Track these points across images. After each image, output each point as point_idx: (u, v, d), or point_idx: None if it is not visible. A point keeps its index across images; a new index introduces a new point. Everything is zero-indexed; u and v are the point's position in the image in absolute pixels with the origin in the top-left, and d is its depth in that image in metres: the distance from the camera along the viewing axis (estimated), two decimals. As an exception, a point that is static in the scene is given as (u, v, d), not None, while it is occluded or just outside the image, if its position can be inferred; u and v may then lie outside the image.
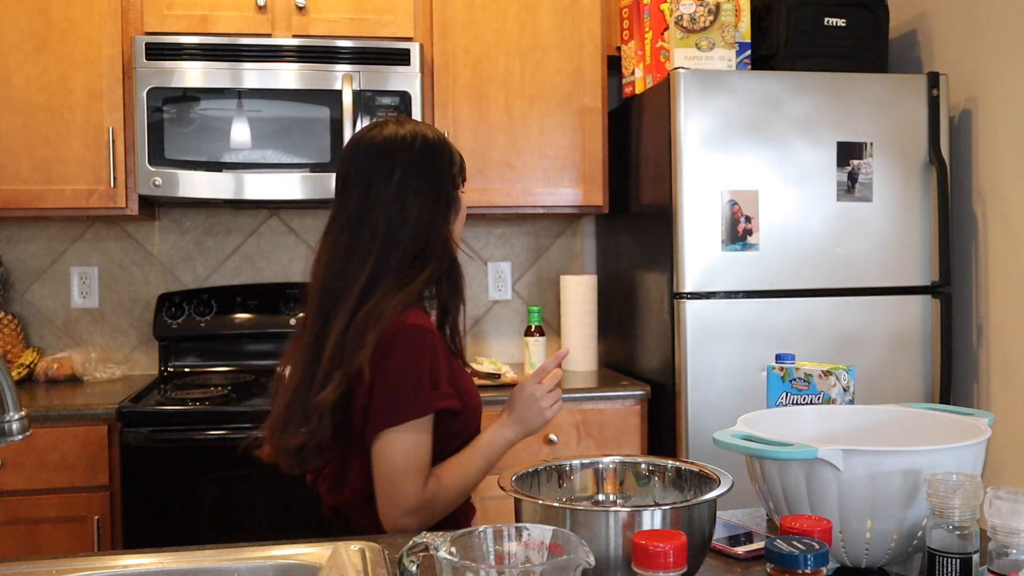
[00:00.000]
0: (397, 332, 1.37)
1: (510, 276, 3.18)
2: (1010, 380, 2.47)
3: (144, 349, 3.00)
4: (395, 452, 1.38)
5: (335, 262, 1.45)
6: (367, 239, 1.42)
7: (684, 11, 2.56)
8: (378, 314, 1.37)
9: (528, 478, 1.16)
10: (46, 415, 2.33)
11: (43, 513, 2.32)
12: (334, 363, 1.39)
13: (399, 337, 1.37)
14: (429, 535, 0.91)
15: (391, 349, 1.37)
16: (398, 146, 1.45)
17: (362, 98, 2.64)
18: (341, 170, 1.49)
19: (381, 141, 1.46)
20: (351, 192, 1.46)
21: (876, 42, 2.65)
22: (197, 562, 1.19)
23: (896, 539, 1.04)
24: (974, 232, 2.61)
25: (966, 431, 1.12)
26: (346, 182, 1.47)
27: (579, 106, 2.84)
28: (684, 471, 1.17)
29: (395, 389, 1.37)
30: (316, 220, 3.09)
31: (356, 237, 1.43)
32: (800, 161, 2.47)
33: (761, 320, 2.45)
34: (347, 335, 1.38)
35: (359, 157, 1.47)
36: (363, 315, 1.38)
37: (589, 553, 0.83)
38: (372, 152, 1.46)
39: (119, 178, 2.63)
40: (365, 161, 1.46)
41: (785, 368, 1.41)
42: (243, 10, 2.67)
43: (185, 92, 2.58)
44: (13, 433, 1.04)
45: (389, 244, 1.42)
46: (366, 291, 1.41)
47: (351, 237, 1.44)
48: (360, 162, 1.46)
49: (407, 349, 1.37)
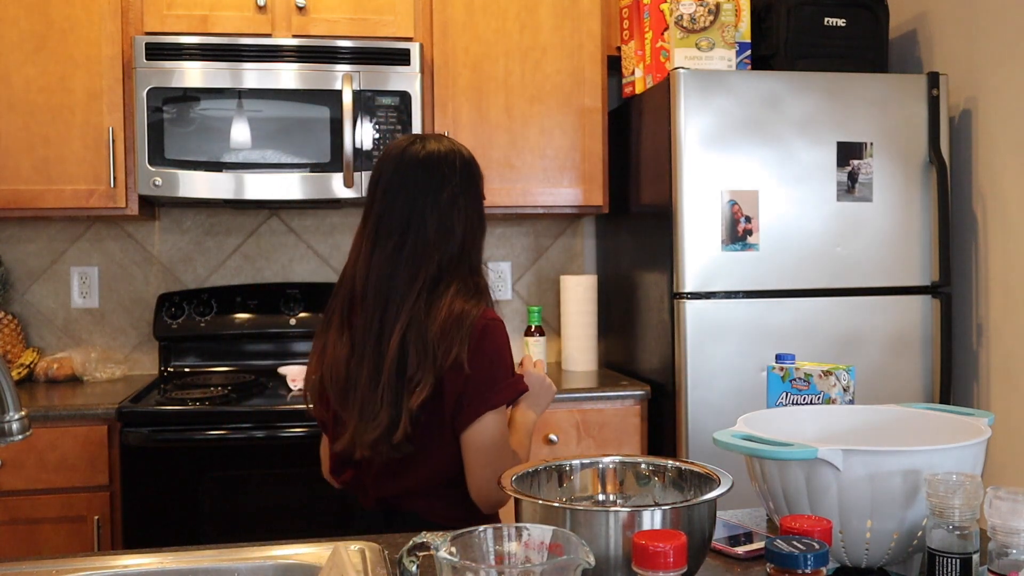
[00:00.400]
0: (486, 326, 1.51)
1: (510, 276, 3.18)
2: (1010, 380, 2.47)
3: (144, 349, 3.00)
4: (494, 431, 1.51)
5: (384, 266, 1.53)
6: (415, 247, 1.53)
7: (684, 11, 2.56)
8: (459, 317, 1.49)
9: (528, 478, 1.16)
10: (46, 415, 2.33)
11: (43, 513, 2.32)
12: (420, 367, 1.48)
13: (488, 330, 1.51)
14: (429, 535, 0.91)
15: (482, 342, 1.50)
16: (443, 163, 1.57)
17: (362, 98, 2.64)
18: (381, 178, 1.58)
19: (425, 156, 1.57)
20: (395, 201, 1.55)
21: (876, 42, 2.65)
22: (197, 562, 1.19)
23: (896, 539, 1.04)
24: (974, 232, 2.61)
25: (966, 431, 1.12)
26: (388, 190, 1.56)
27: (579, 106, 2.84)
28: (684, 471, 1.17)
29: (488, 376, 1.50)
30: (316, 220, 3.09)
31: (403, 244, 1.53)
32: (800, 161, 2.47)
33: (761, 320, 2.45)
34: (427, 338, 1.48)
35: (404, 169, 1.56)
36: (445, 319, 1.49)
37: (589, 553, 0.83)
38: (419, 166, 1.56)
39: (119, 178, 2.63)
40: (412, 174, 1.56)
41: (785, 368, 1.41)
42: (243, 10, 2.67)
43: (185, 92, 2.58)
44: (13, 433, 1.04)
45: (436, 254, 1.53)
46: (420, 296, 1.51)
47: (398, 243, 1.53)
48: (406, 174, 1.56)
49: (495, 340, 1.52)
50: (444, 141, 1.61)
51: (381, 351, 1.51)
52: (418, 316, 1.50)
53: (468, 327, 1.48)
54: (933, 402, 2.52)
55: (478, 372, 1.49)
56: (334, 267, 3.10)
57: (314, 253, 3.10)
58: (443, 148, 1.58)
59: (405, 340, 1.49)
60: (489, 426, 1.51)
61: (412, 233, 1.53)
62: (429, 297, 1.51)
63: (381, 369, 1.50)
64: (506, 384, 1.53)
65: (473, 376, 1.49)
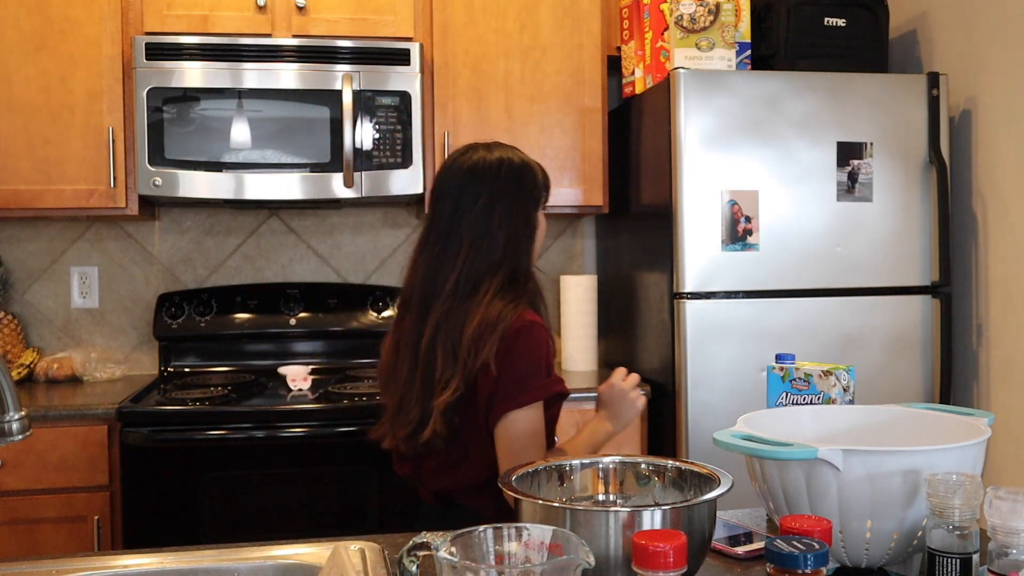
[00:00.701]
0: (521, 327, 1.55)
1: (510, 276, 3.18)
2: (1010, 380, 2.47)
3: (144, 349, 3.00)
4: (519, 429, 1.54)
5: (427, 271, 1.63)
6: (453, 253, 1.61)
7: (684, 11, 2.56)
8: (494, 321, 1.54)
9: (528, 478, 1.16)
10: (46, 415, 2.33)
11: (43, 513, 2.32)
12: (447, 368, 1.55)
13: (522, 332, 1.55)
14: (429, 535, 0.91)
15: (515, 343, 1.54)
16: (485, 172, 1.64)
17: (362, 98, 2.64)
18: (435, 187, 1.68)
19: (471, 165, 1.65)
20: (442, 209, 1.64)
21: (876, 42, 2.65)
22: (197, 562, 1.19)
23: (896, 539, 1.04)
24: (974, 232, 2.61)
25: (966, 431, 1.12)
26: (438, 199, 1.66)
27: (579, 106, 2.84)
28: (684, 471, 1.17)
29: (518, 376, 1.54)
30: (316, 220, 3.09)
31: (445, 250, 1.62)
32: (800, 161, 2.47)
33: (761, 320, 2.45)
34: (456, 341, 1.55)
35: (452, 178, 1.65)
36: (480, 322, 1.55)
37: (589, 553, 0.83)
38: (463, 174, 1.64)
39: (119, 178, 2.63)
40: (457, 182, 1.64)
41: (785, 368, 1.41)
42: (243, 10, 2.67)
43: (185, 92, 2.58)
44: (13, 433, 1.04)
45: (473, 258, 1.60)
46: (452, 298, 1.58)
47: (441, 249, 1.62)
48: (452, 182, 1.65)
49: (528, 342, 1.55)
50: (496, 150, 1.67)
51: (417, 351, 1.60)
52: (451, 319, 1.56)
53: (501, 329, 1.53)
54: (933, 402, 2.52)
55: (508, 373, 1.53)
56: (334, 267, 3.10)
57: (314, 253, 3.10)
58: (491, 157, 1.65)
59: (434, 342, 1.57)
60: (515, 424, 1.54)
61: (453, 238, 1.61)
62: (467, 301, 1.57)
63: (415, 368, 1.59)
64: (538, 384, 1.56)
65: (502, 377, 1.53)
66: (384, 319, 2.97)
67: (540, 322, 1.59)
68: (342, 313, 2.96)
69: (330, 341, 2.98)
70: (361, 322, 2.96)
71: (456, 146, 2.78)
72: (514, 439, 1.54)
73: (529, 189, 1.66)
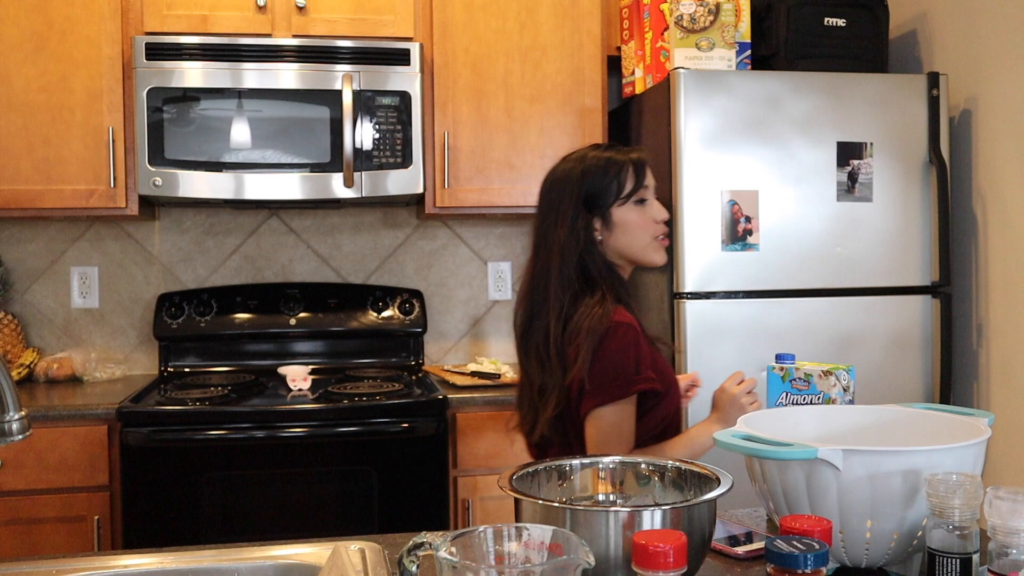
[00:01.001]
0: (608, 328, 1.61)
1: (510, 276, 3.18)
2: (1010, 380, 2.47)
3: (144, 349, 3.00)
4: (603, 426, 1.61)
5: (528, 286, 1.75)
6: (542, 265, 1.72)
7: (684, 11, 2.56)
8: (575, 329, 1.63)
9: (528, 478, 1.16)
10: (46, 415, 2.33)
11: (43, 513, 2.32)
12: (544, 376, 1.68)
13: (609, 333, 1.61)
14: (429, 535, 0.91)
15: (602, 344, 1.61)
16: (558, 183, 1.73)
17: (362, 98, 2.64)
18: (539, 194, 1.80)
19: (550, 178, 1.76)
20: (535, 222, 1.77)
21: (876, 42, 2.65)
22: (197, 562, 1.19)
23: (896, 539, 1.04)
24: (974, 232, 2.61)
25: (966, 431, 1.12)
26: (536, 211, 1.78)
27: (579, 106, 2.84)
28: (684, 471, 1.17)
29: (603, 375, 1.61)
30: (316, 220, 3.09)
31: (536, 263, 1.74)
32: (800, 161, 2.47)
33: (761, 320, 2.45)
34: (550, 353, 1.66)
35: (541, 190, 1.77)
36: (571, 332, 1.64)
37: (589, 553, 0.83)
38: (545, 188, 1.76)
39: (119, 178, 2.63)
40: (542, 195, 1.77)
41: (785, 368, 1.41)
42: (243, 10, 2.67)
43: (185, 92, 2.58)
44: (13, 433, 1.04)
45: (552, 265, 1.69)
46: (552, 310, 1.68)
47: (534, 263, 1.74)
48: (540, 195, 1.77)
49: (614, 342, 1.61)
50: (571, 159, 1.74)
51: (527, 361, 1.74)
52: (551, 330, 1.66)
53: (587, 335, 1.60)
54: (933, 402, 2.52)
55: (594, 371, 1.60)
56: (334, 267, 3.10)
57: (314, 253, 3.10)
58: (566, 166, 1.74)
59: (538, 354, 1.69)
60: (599, 420, 1.61)
61: (541, 252, 1.72)
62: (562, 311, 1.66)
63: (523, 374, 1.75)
64: (621, 381, 1.61)
65: (589, 376, 1.61)
66: (384, 319, 2.97)
67: (626, 322, 1.63)
68: (342, 313, 2.96)
69: (330, 341, 2.98)
70: (361, 322, 2.96)
71: (456, 146, 2.80)
72: (599, 434, 1.61)
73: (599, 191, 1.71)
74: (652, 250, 1.75)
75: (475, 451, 2.50)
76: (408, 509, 2.41)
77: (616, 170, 1.72)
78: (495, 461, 2.49)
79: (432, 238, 3.15)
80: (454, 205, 2.79)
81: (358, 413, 2.40)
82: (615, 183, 1.72)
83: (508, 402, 2.52)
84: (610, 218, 1.72)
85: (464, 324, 3.17)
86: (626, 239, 1.73)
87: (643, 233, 1.74)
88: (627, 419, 1.63)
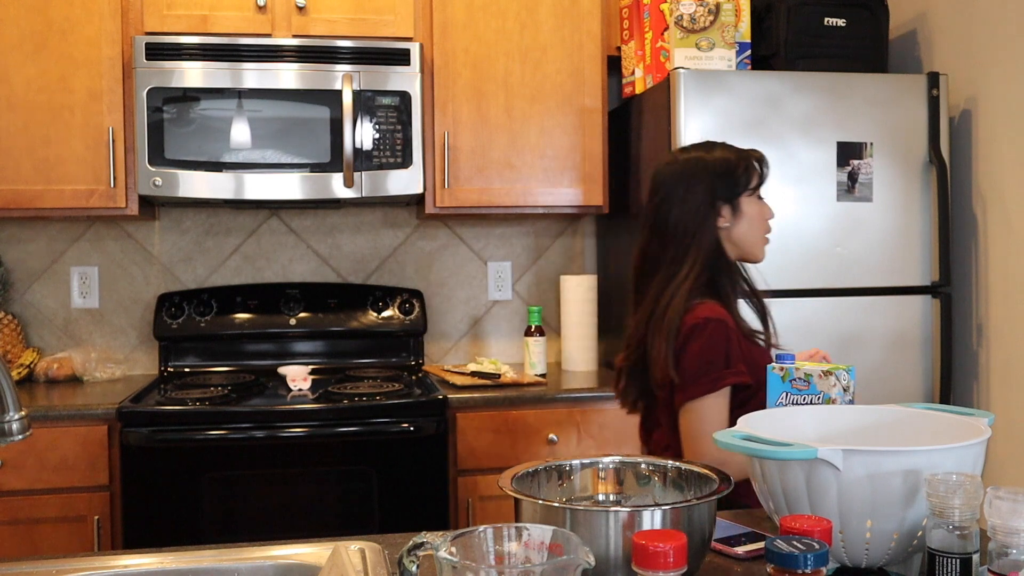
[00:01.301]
0: (694, 324, 1.68)
1: (510, 276, 3.18)
2: (1010, 380, 2.47)
3: (144, 349, 3.00)
4: (696, 419, 1.67)
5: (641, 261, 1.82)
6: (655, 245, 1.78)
7: (684, 11, 2.56)
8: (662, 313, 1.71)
9: (528, 478, 1.16)
10: (46, 415, 2.33)
11: (43, 513, 2.32)
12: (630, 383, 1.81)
13: (695, 329, 1.68)
14: (429, 535, 0.91)
15: (688, 340, 1.68)
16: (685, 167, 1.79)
17: (362, 98, 2.64)
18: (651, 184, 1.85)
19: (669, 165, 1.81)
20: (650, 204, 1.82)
21: (876, 42, 2.65)
22: (197, 562, 1.19)
23: (896, 539, 1.04)
24: (974, 232, 2.61)
25: (966, 431, 1.12)
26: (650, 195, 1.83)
27: (579, 106, 2.84)
28: (684, 471, 1.17)
29: (693, 371, 1.67)
30: (316, 220, 3.09)
31: (648, 241, 1.80)
32: (800, 161, 2.47)
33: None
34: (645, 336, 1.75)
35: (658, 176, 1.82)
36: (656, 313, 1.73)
37: (589, 553, 0.83)
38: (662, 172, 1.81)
39: (119, 178, 2.63)
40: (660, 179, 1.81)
41: (785, 368, 1.41)
42: (243, 10, 2.67)
43: (185, 92, 2.58)
44: (13, 433, 1.04)
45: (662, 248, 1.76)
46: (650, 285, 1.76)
47: (646, 240, 1.81)
48: (658, 180, 1.81)
49: (700, 339, 1.67)
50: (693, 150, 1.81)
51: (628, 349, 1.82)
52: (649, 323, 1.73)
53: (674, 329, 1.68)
54: (933, 402, 2.52)
55: (684, 366, 1.67)
56: (334, 267, 3.10)
57: (314, 253, 3.10)
58: (691, 155, 1.79)
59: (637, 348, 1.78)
60: (692, 414, 1.67)
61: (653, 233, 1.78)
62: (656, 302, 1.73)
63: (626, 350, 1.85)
64: (709, 377, 1.66)
65: (679, 370, 1.68)
66: (384, 319, 2.97)
67: (716, 317, 1.68)
68: (342, 313, 2.96)
69: (330, 341, 2.98)
70: (361, 322, 2.96)
71: (456, 145, 2.80)
72: (692, 427, 1.67)
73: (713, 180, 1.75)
74: (762, 244, 1.83)
75: (475, 451, 2.50)
76: (408, 509, 2.41)
77: (747, 162, 1.78)
78: (495, 461, 2.49)
79: (432, 238, 3.15)
80: (454, 205, 2.79)
81: (358, 413, 2.40)
82: (747, 174, 1.78)
83: (508, 402, 2.52)
84: (739, 207, 1.77)
85: (464, 324, 3.17)
86: (747, 229, 1.79)
87: (761, 226, 1.81)
88: (719, 412, 1.67)
